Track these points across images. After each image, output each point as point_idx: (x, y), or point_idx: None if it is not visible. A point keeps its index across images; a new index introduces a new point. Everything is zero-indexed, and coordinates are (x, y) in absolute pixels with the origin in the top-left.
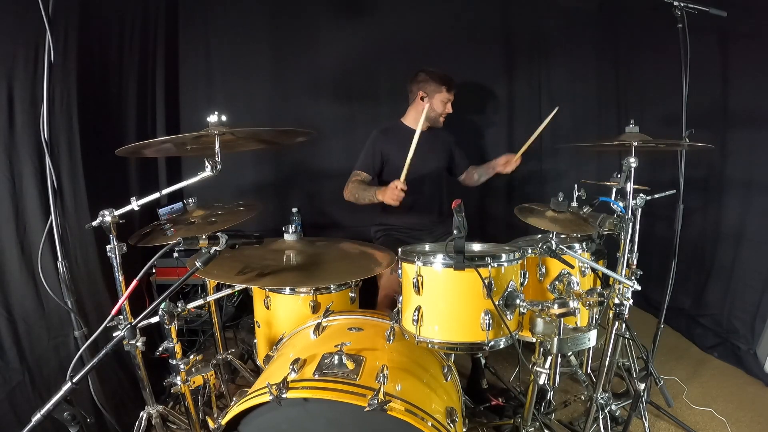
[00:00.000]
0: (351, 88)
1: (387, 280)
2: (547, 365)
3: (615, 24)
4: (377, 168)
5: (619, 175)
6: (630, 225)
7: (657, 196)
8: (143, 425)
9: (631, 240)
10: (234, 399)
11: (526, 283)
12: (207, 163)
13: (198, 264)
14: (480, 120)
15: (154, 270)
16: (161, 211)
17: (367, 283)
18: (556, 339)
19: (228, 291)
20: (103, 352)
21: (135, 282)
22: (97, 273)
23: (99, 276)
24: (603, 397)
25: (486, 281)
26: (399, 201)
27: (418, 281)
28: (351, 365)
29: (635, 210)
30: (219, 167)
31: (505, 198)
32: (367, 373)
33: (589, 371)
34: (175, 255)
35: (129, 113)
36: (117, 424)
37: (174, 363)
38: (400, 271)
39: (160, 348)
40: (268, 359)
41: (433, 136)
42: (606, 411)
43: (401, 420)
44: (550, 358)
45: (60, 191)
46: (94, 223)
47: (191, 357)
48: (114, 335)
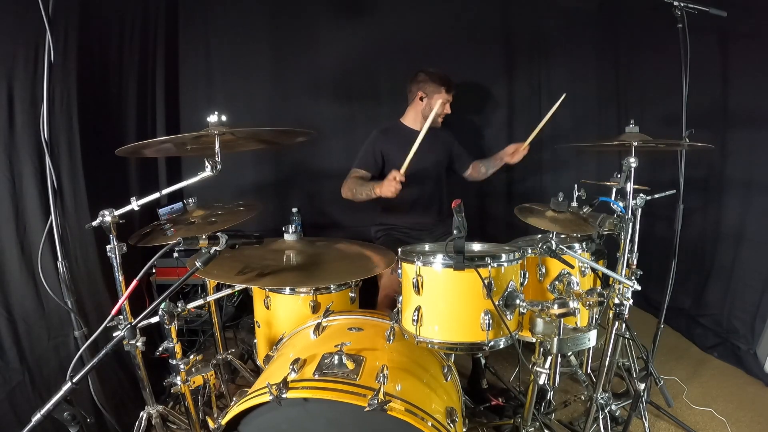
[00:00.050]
0: (351, 88)
1: (387, 280)
2: (547, 365)
3: (615, 24)
4: (377, 167)
5: (619, 175)
6: (630, 225)
7: (657, 196)
8: (143, 425)
9: (631, 240)
10: (234, 399)
11: (526, 283)
12: (207, 163)
13: (198, 264)
14: (480, 120)
15: (154, 270)
16: (161, 211)
17: (367, 283)
18: (556, 339)
19: (228, 291)
20: (103, 352)
21: (135, 282)
22: (97, 273)
23: (99, 276)
24: (603, 397)
25: (486, 281)
26: (397, 193)
27: (417, 281)
28: (351, 365)
29: (635, 210)
30: (219, 167)
31: (505, 198)
32: (367, 373)
33: (589, 371)
34: (175, 255)
35: (129, 113)
36: (117, 424)
37: (174, 363)
38: (400, 271)
39: (160, 348)
40: (268, 359)
41: (433, 136)
42: (606, 411)
43: (401, 420)
44: (550, 358)
45: (60, 191)
46: (94, 223)
47: (191, 357)
48: (114, 335)
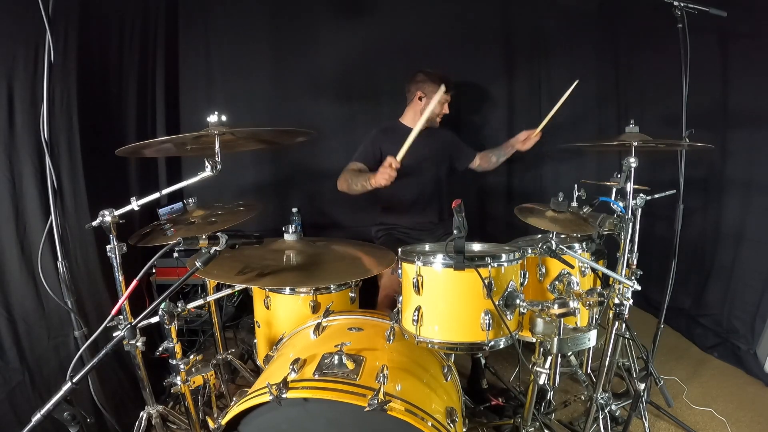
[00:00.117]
0: (351, 88)
1: (387, 280)
2: (547, 365)
3: (615, 24)
4: (375, 163)
5: (619, 175)
6: (630, 225)
7: (657, 196)
8: (143, 425)
9: (631, 240)
10: (234, 399)
11: (526, 283)
12: (207, 163)
13: (198, 264)
14: (480, 120)
15: (154, 270)
16: (161, 211)
17: (367, 283)
18: (556, 339)
19: (228, 291)
20: (103, 352)
21: (135, 282)
22: (97, 273)
23: (99, 276)
24: (603, 397)
25: (486, 281)
26: (391, 181)
27: (418, 281)
28: (351, 365)
29: (635, 210)
30: (219, 167)
31: (505, 198)
32: (367, 373)
33: (589, 371)
34: (175, 255)
35: (129, 113)
36: (117, 424)
37: (174, 363)
38: (400, 271)
39: (160, 348)
40: (268, 359)
41: (432, 136)
42: (606, 411)
43: (401, 420)
44: (550, 358)
45: (60, 191)
46: (94, 223)
47: (191, 357)
48: (114, 335)
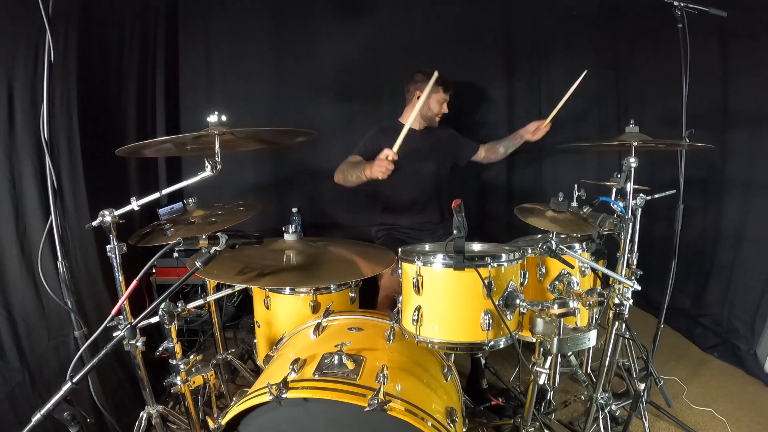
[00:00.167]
0: (351, 88)
1: (387, 280)
2: (547, 365)
3: (615, 24)
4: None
5: (619, 175)
6: (630, 225)
7: (657, 196)
8: (143, 425)
9: (631, 240)
10: (234, 399)
11: (526, 283)
12: (207, 163)
13: (198, 264)
14: (480, 120)
15: (154, 270)
16: (161, 211)
17: (367, 283)
18: (556, 339)
19: (228, 291)
20: (103, 352)
21: (135, 282)
22: (97, 273)
23: (99, 276)
24: (603, 397)
25: (486, 281)
26: (387, 174)
27: (418, 281)
28: (351, 365)
29: (635, 210)
30: (219, 167)
31: (505, 198)
32: (367, 373)
33: (589, 371)
34: (175, 255)
35: (129, 113)
36: (117, 424)
37: (174, 363)
38: (400, 271)
39: (160, 348)
40: (268, 359)
41: (431, 135)
42: (606, 411)
43: (401, 420)
44: (550, 358)
45: (60, 191)
46: (94, 223)
47: (191, 357)
48: (114, 335)
